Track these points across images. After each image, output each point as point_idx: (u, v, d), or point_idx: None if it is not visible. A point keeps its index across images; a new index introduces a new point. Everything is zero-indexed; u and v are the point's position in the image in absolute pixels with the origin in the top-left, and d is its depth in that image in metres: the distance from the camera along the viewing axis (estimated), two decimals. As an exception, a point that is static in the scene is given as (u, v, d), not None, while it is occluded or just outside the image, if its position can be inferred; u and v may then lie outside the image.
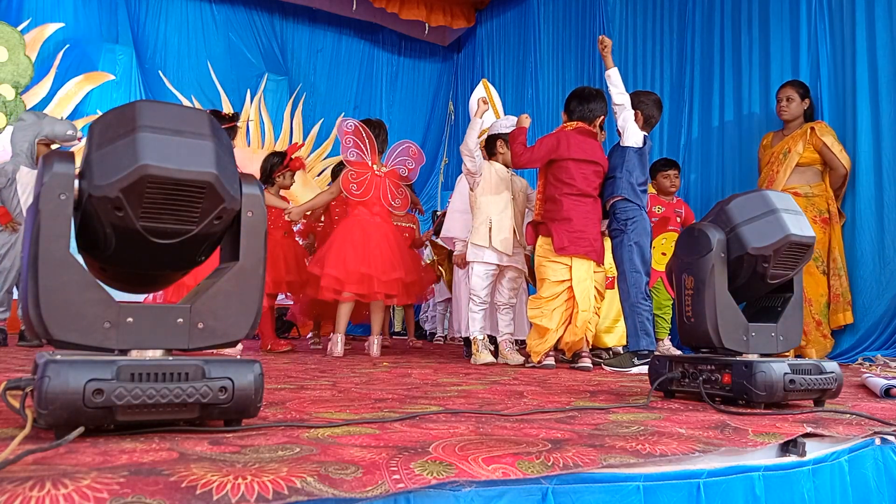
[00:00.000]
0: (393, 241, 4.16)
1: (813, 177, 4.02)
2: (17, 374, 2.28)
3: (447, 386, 2.24)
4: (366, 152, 4.16)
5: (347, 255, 3.96)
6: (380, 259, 4.00)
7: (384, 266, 4.00)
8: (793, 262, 1.78)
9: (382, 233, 4.11)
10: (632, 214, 3.40)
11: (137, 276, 1.33)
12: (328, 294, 3.99)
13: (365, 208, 4.13)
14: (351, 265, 3.93)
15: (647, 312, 3.32)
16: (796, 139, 4.03)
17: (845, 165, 3.96)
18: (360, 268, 3.93)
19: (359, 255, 3.96)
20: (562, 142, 3.42)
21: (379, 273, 3.97)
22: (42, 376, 1.01)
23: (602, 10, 5.98)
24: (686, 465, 1.09)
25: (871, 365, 3.37)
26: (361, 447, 1.04)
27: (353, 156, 4.13)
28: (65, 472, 0.81)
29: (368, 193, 4.12)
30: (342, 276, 3.94)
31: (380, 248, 4.03)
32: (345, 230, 4.10)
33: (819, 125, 4.02)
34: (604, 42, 3.51)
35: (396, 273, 4.05)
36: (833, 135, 4.00)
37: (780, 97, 4.16)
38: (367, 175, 4.14)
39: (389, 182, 4.22)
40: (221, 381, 1.12)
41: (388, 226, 4.23)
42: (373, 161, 4.18)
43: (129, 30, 7.01)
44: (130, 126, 1.10)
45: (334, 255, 3.99)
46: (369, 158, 4.17)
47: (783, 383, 1.60)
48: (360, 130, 4.16)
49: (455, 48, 8.70)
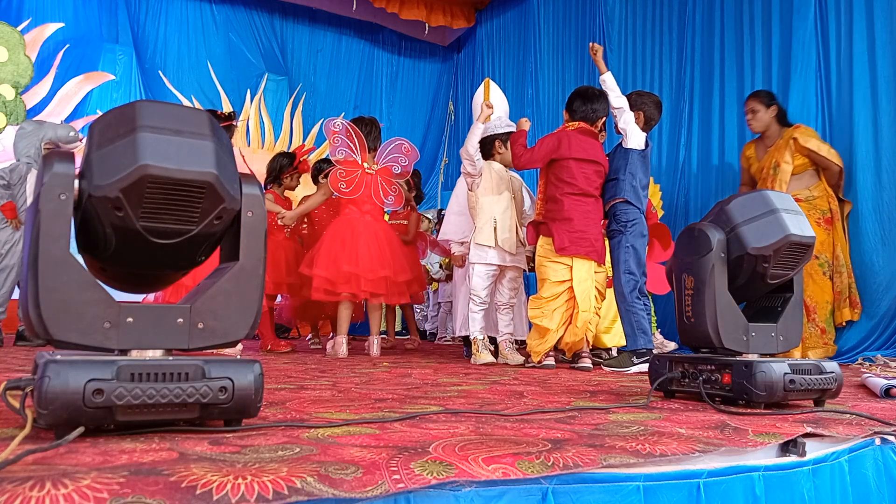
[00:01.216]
0: (383, 240, 4.13)
1: (810, 179, 4.01)
2: (17, 374, 2.28)
3: (447, 386, 2.24)
4: (355, 150, 4.13)
5: (337, 254, 3.96)
6: (367, 258, 3.98)
7: (371, 264, 3.98)
8: (793, 262, 1.78)
9: (372, 231, 4.09)
10: (632, 217, 3.41)
11: (137, 276, 1.33)
12: (320, 295, 3.99)
13: (355, 206, 4.11)
14: (341, 265, 3.93)
15: (643, 311, 3.34)
16: (781, 151, 4.00)
17: (837, 163, 3.95)
18: (347, 267, 3.92)
19: (347, 254, 3.95)
20: (563, 141, 3.42)
21: (365, 271, 3.95)
22: (42, 376, 1.01)
23: (602, 10, 5.98)
24: (686, 465, 1.09)
25: (871, 365, 3.36)
26: (361, 447, 1.04)
27: (342, 154, 4.11)
28: (65, 472, 0.81)
29: (358, 191, 4.09)
30: (332, 277, 3.94)
31: (367, 247, 4.01)
32: (334, 230, 4.09)
33: (799, 131, 3.98)
34: (594, 48, 3.53)
35: (383, 271, 4.02)
36: (816, 137, 3.98)
37: (745, 111, 4.21)
38: (357, 173, 4.11)
39: (381, 179, 4.19)
40: (221, 381, 1.12)
41: (380, 224, 4.21)
42: (363, 159, 4.15)
43: (129, 30, 7.01)
44: (130, 126, 1.10)
45: (324, 255, 3.99)
46: (359, 156, 4.14)
47: (783, 383, 1.60)
48: (349, 129, 4.14)
49: (455, 48, 8.70)
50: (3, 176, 4.38)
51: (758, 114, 4.13)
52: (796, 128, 4.03)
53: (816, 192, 3.97)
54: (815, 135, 4.00)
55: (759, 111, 4.12)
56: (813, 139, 3.95)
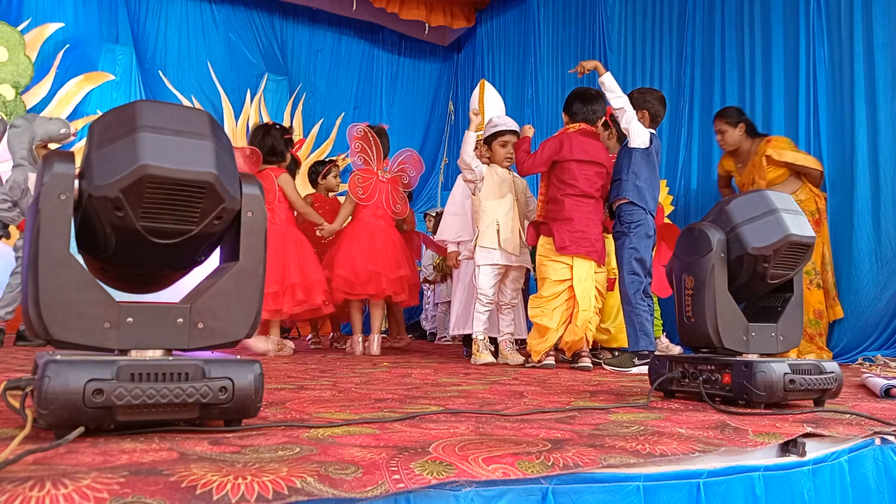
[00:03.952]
0: (397, 242, 4.34)
1: (793, 184, 3.99)
2: (17, 373, 2.28)
3: (447, 386, 2.24)
4: (372, 158, 4.32)
5: (355, 255, 4.14)
6: (386, 257, 4.17)
7: (391, 264, 4.18)
8: (793, 262, 1.78)
9: (387, 234, 4.29)
10: (636, 218, 3.38)
11: (137, 276, 1.33)
12: (339, 295, 4.16)
13: (370, 212, 4.30)
14: (359, 265, 4.11)
15: (647, 313, 3.32)
16: (758, 168, 4.00)
17: (817, 167, 3.96)
18: (367, 266, 4.11)
19: (365, 254, 4.14)
20: (565, 143, 3.42)
21: (386, 271, 4.15)
22: (42, 376, 1.01)
23: (602, 10, 5.97)
24: (686, 465, 1.09)
25: (871, 365, 3.37)
26: (361, 447, 1.04)
27: (360, 161, 4.30)
28: (65, 472, 0.81)
29: (373, 198, 4.28)
30: (351, 277, 4.11)
31: (385, 248, 4.21)
32: (351, 233, 4.29)
33: (771, 146, 3.96)
34: (584, 67, 3.52)
35: (402, 270, 4.23)
36: (790, 147, 3.97)
37: (715, 130, 4.21)
38: (373, 180, 4.31)
39: (392, 188, 4.38)
40: (221, 381, 1.12)
41: (392, 229, 4.40)
42: (378, 167, 4.34)
43: (129, 30, 7.00)
44: (130, 126, 1.10)
45: (343, 256, 4.17)
46: (375, 164, 4.33)
47: (783, 383, 1.60)
48: (368, 136, 4.31)
49: (455, 48, 8.69)
50: (7, 198, 4.33)
51: (725, 134, 4.14)
52: (767, 142, 4.01)
53: (803, 195, 3.95)
54: (788, 145, 3.99)
55: (727, 131, 4.13)
56: (787, 151, 3.94)
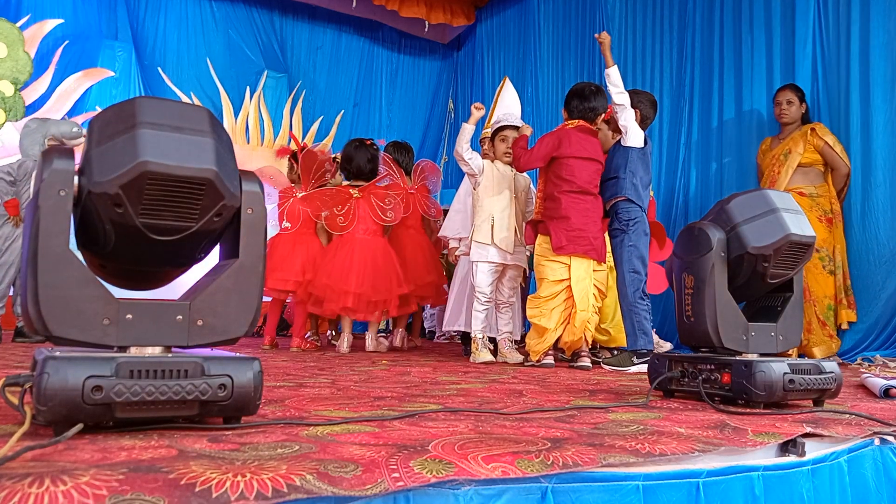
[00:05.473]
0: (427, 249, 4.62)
1: (816, 177, 4.04)
2: (15, 370, 2.27)
3: (446, 384, 2.24)
4: (395, 174, 4.57)
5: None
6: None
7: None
8: (793, 262, 1.78)
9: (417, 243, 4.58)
10: (634, 215, 3.39)
11: (137, 273, 1.33)
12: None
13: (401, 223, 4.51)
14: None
15: (645, 312, 3.33)
16: (797, 140, 4.04)
17: (847, 164, 3.98)
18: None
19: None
20: (563, 140, 3.42)
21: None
22: (41, 373, 1.00)
23: (602, 9, 5.97)
24: (685, 465, 1.09)
25: (870, 365, 3.37)
26: (361, 445, 1.04)
27: (387, 180, 4.53)
28: (63, 468, 0.81)
29: (408, 210, 4.49)
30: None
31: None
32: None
33: (819, 126, 4.04)
34: (602, 38, 3.51)
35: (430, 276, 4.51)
36: (833, 135, 4.02)
37: (779, 100, 4.16)
38: (402, 194, 4.51)
39: (421, 196, 4.64)
40: (220, 378, 1.12)
41: (422, 236, 4.69)
42: (403, 182, 4.58)
43: (128, 26, 6.99)
44: (130, 122, 1.10)
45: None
46: (400, 180, 4.58)
47: (783, 383, 1.60)
48: (386, 160, 4.58)
49: (455, 46, 8.68)
50: (11, 172, 4.36)
51: (792, 106, 4.10)
52: (816, 124, 4.08)
53: (821, 191, 4.01)
54: (832, 134, 4.03)
55: (795, 104, 4.11)
56: (830, 135, 4.00)
